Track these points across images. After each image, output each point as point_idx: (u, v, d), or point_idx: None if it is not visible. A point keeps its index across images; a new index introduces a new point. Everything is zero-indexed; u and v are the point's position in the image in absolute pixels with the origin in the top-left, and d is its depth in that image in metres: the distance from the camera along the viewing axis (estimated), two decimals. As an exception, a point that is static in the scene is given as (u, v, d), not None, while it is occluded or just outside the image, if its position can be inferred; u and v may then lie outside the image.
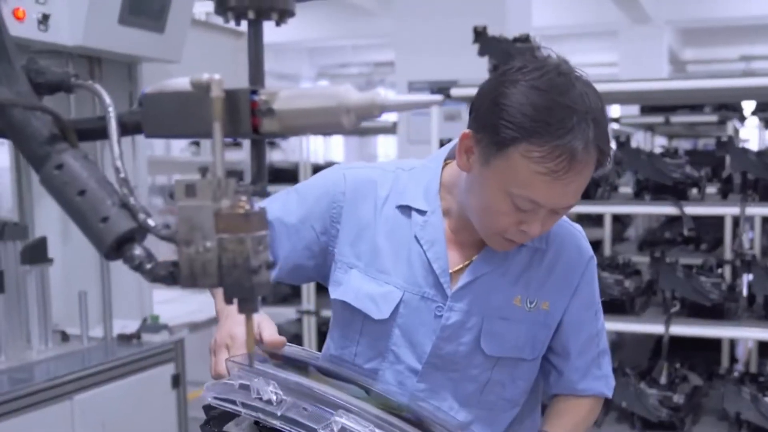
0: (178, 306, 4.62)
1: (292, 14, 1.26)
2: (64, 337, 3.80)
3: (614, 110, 7.72)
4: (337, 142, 14.74)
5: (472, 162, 1.74)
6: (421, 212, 1.86)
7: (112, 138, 1.23)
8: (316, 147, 11.39)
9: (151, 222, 1.21)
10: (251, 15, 1.23)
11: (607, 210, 4.65)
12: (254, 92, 1.17)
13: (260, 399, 1.54)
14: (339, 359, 1.96)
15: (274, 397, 1.54)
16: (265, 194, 1.26)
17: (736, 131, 6.36)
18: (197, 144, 7.01)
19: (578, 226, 1.99)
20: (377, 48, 14.69)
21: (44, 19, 3.26)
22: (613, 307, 3.89)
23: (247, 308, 1.20)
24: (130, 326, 3.84)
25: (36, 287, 3.59)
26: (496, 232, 1.76)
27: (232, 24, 1.26)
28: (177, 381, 3.83)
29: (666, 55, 13.65)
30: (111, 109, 1.24)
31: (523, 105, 1.61)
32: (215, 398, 1.58)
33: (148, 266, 1.21)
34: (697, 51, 16.78)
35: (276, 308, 6.62)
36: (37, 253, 3.58)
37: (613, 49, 14.37)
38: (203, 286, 1.17)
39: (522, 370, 1.93)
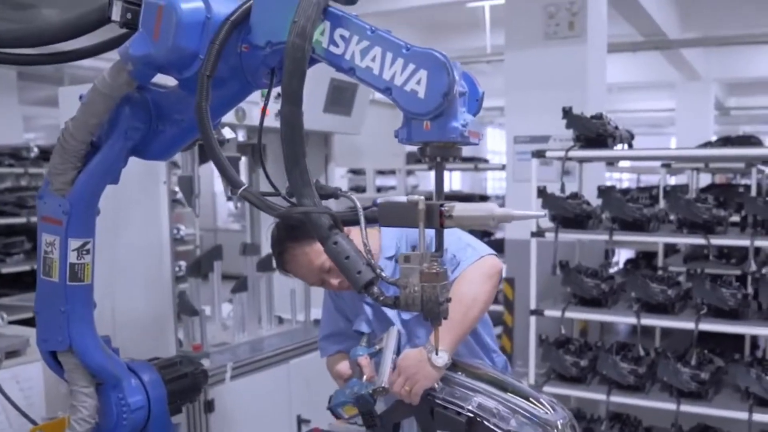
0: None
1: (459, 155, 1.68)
2: (280, 320, 4.10)
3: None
4: (456, 175, 14.89)
5: None
6: None
7: (361, 226, 1.68)
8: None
9: (384, 274, 1.66)
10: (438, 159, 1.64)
11: (655, 239, 4.72)
12: (441, 206, 1.62)
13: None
14: None
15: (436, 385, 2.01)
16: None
17: (761, 172, 6.35)
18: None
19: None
20: (488, 98, 14.69)
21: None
22: (659, 308, 4.09)
23: (436, 323, 1.67)
24: (322, 313, 4.20)
25: (265, 287, 3.94)
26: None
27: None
28: (352, 353, 4.17)
29: (713, 103, 13.50)
30: (360, 208, 1.71)
31: None
32: None
33: (382, 298, 1.67)
34: (738, 99, 16.41)
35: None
36: (266, 264, 3.91)
37: (671, 98, 14.29)
38: (412, 310, 1.63)
39: None
